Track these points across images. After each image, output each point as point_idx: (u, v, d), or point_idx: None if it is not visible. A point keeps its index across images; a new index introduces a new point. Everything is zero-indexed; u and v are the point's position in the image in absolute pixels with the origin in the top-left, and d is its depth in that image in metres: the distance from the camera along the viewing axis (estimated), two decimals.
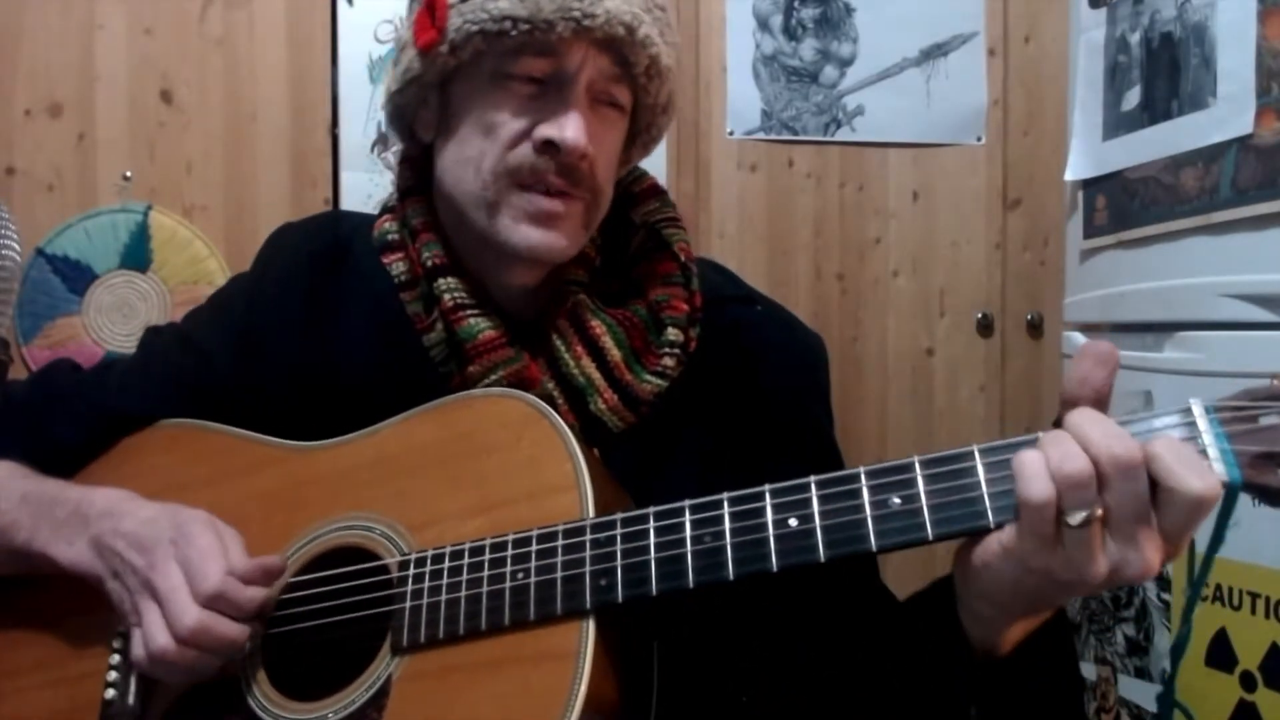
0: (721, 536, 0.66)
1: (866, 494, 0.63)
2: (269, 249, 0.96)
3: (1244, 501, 0.59)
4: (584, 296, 0.86)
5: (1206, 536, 0.62)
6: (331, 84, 2.16)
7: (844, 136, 2.32)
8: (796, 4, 2.30)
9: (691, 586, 0.65)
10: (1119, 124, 1.55)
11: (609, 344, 0.84)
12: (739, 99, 2.29)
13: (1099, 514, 0.57)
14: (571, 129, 0.78)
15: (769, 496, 0.66)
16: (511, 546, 0.70)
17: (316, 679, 0.75)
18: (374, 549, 0.77)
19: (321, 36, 2.15)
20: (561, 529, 0.69)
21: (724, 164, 2.29)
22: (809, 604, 0.78)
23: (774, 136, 2.31)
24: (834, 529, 0.63)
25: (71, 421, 0.90)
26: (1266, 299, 1.25)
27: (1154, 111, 1.46)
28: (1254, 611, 1.23)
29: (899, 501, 0.62)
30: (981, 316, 2.36)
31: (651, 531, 0.67)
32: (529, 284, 0.86)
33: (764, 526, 0.65)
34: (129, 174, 2.08)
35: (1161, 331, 1.42)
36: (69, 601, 0.83)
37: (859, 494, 0.63)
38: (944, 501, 0.62)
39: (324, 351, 0.88)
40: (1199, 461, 0.57)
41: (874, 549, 0.63)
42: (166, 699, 0.79)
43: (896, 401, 2.35)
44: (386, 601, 0.74)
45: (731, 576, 0.65)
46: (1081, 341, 1.61)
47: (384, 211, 0.92)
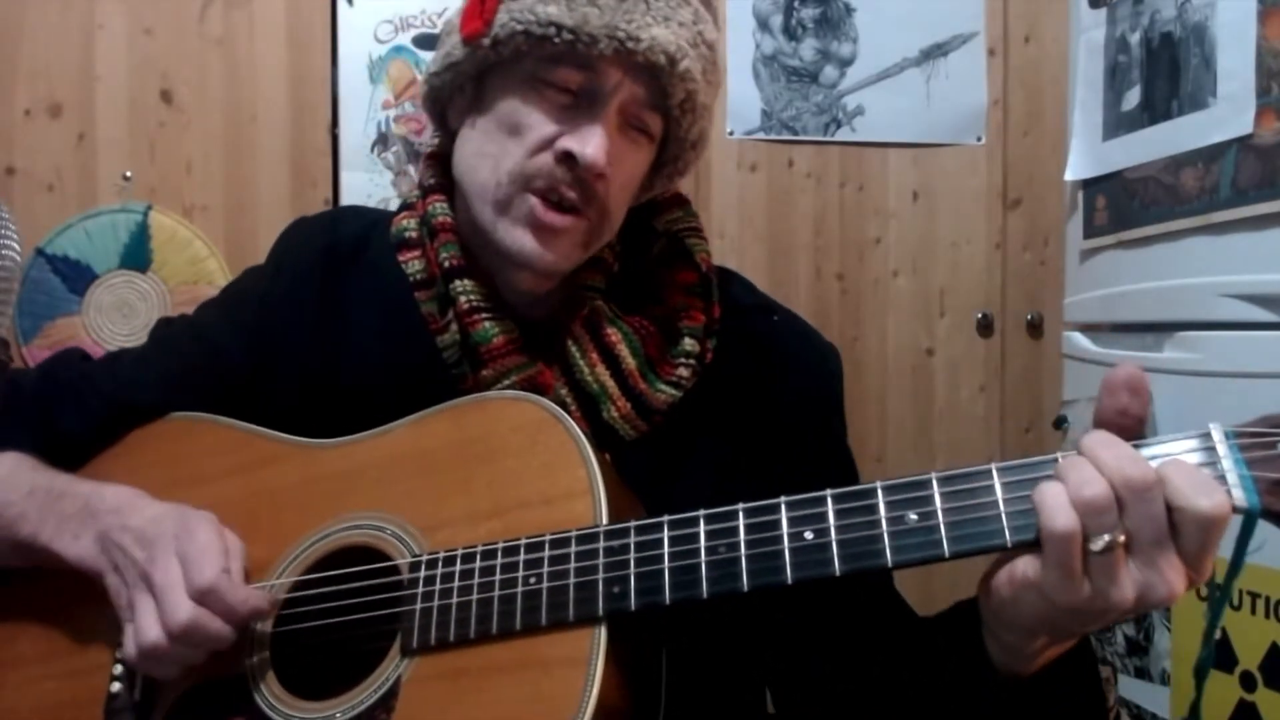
0: (736, 548, 0.65)
1: (883, 509, 0.63)
2: (283, 243, 0.95)
3: None
4: (601, 303, 0.86)
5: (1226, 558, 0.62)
6: (331, 84, 2.15)
7: (844, 136, 2.32)
8: (796, 4, 2.30)
9: (705, 597, 0.65)
10: (1119, 124, 1.55)
11: (624, 352, 0.84)
12: (739, 99, 2.29)
13: (1121, 540, 0.57)
14: (593, 146, 0.77)
15: (785, 509, 0.65)
16: (524, 551, 0.70)
17: (325, 678, 0.75)
18: (385, 549, 0.76)
19: (321, 36, 2.15)
20: (575, 535, 0.69)
21: (724, 164, 2.29)
22: (822, 615, 0.78)
23: (774, 136, 2.30)
24: (849, 543, 0.63)
25: (80, 412, 0.90)
26: (1266, 299, 1.25)
27: (1154, 111, 1.46)
28: (1254, 611, 1.23)
29: (915, 518, 0.62)
30: (981, 316, 2.36)
31: (666, 540, 0.67)
32: (536, 290, 0.85)
33: (779, 539, 0.65)
34: (129, 174, 2.07)
35: (1161, 331, 1.42)
36: (76, 594, 0.82)
37: (875, 509, 0.63)
38: (961, 519, 0.61)
39: (335, 348, 0.88)
40: (1209, 483, 0.57)
41: (889, 564, 0.62)
42: (172, 694, 0.78)
43: (896, 401, 2.35)
44: (396, 603, 0.73)
45: (746, 588, 0.64)
46: (1082, 341, 1.63)
47: (403, 207, 0.92)
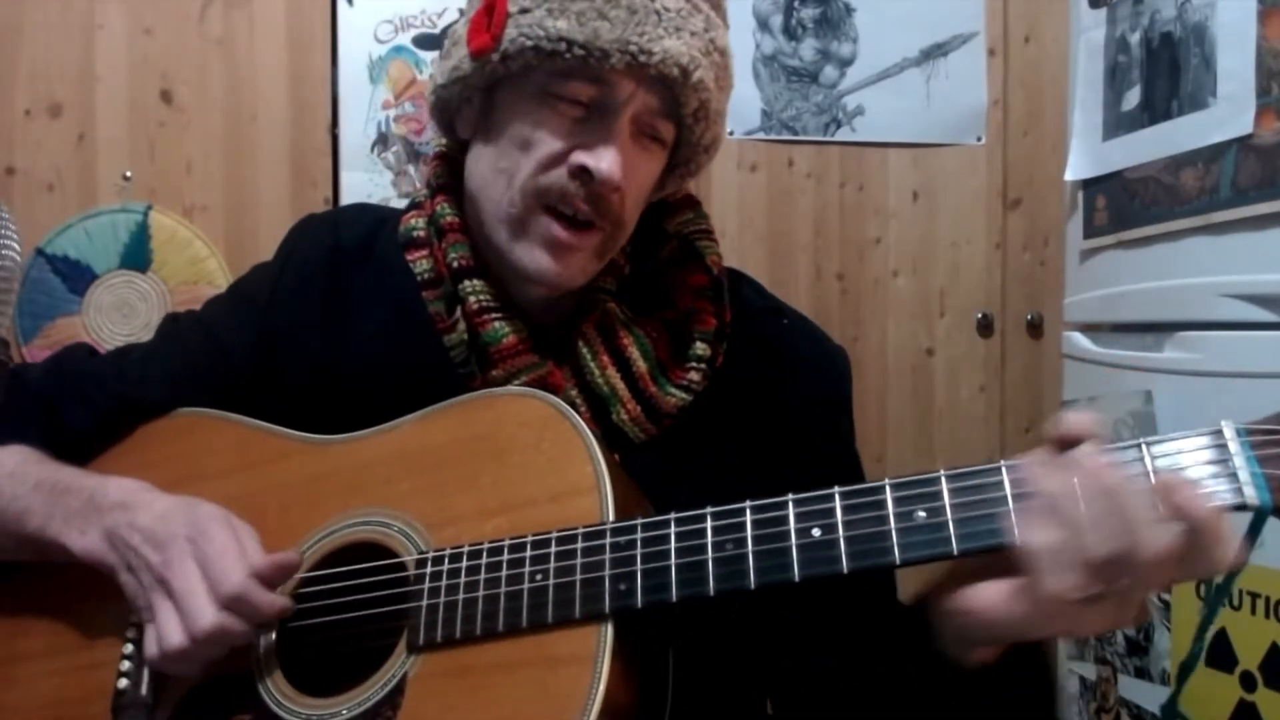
0: (743, 544, 0.65)
1: (891, 506, 0.63)
2: (291, 240, 0.95)
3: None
4: (613, 306, 0.86)
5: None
6: (331, 84, 2.15)
7: (844, 136, 2.32)
8: (796, 4, 2.30)
9: (712, 594, 0.65)
10: (1119, 124, 1.55)
11: (635, 355, 0.84)
12: (739, 99, 2.27)
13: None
14: (608, 161, 0.77)
15: (792, 506, 0.65)
16: (530, 548, 0.70)
17: (331, 675, 0.75)
18: (391, 546, 0.76)
19: (321, 36, 2.14)
20: (581, 531, 0.69)
21: (724, 164, 2.28)
22: (827, 613, 0.78)
23: (774, 136, 2.30)
24: (857, 540, 0.63)
25: (87, 407, 0.89)
26: (1266, 299, 1.25)
27: (1154, 111, 1.47)
28: (1254, 611, 1.23)
29: (924, 515, 0.62)
30: (981, 316, 2.36)
31: (673, 537, 0.67)
32: (546, 295, 0.85)
33: (786, 535, 0.65)
34: (129, 174, 2.07)
35: (1161, 331, 1.42)
36: (82, 590, 0.83)
37: (883, 505, 0.63)
38: (970, 516, 0.61)
39: (342, 345, 0.88)
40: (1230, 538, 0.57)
41: (897, 562, 0.62)
42: (179, 690, 0.78)
43: (896, 401, 2.35)
44: (403, 599, 0.74)
45: (753, 585, 0.64)
46: (1082, 341, 1.63)
47: (411, 206, 0.92)
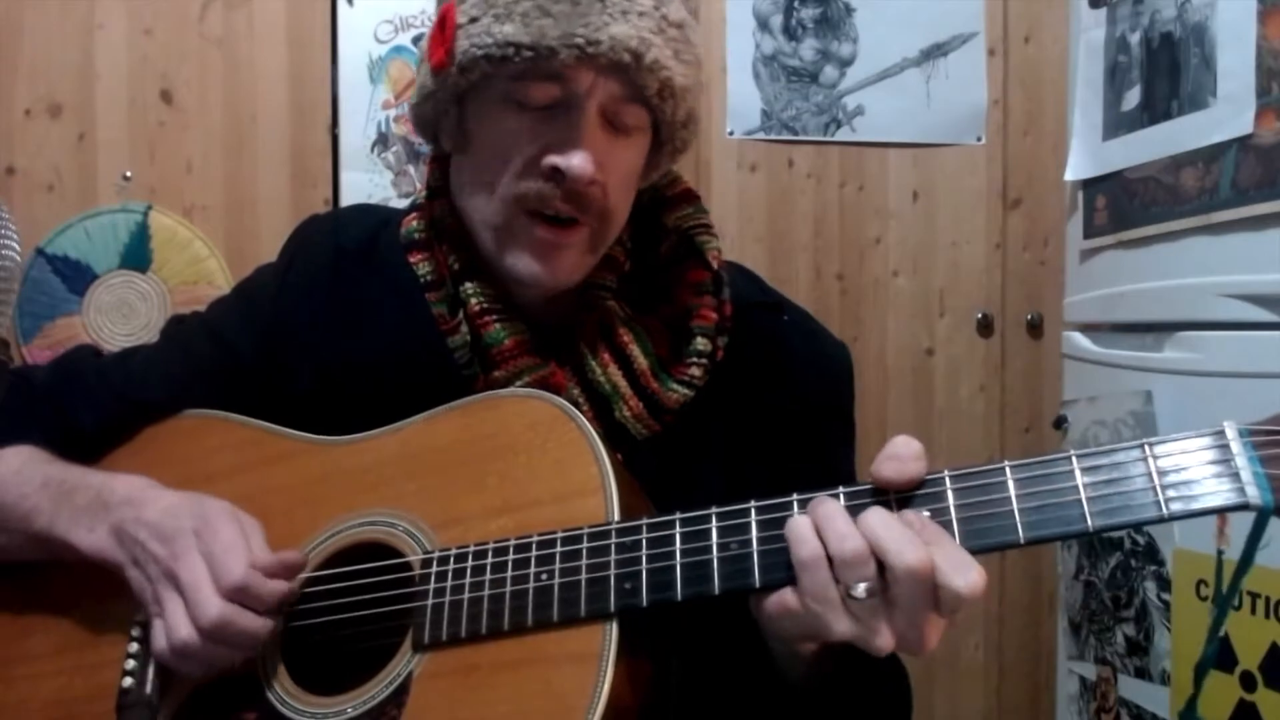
0: (748, 544, 0.66)
1: (895, 505, 0.64)
2: (295, 241, 0.96)
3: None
4: (614, 303, 0.86)
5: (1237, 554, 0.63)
6: (331, 84, 2.15)
7: (844, 136, 2.31)
8: (796, 4, 2.30)
9: (717, 593, 0.66)
10: (1119, 124, 1.56)
11: (636, 352, 0.84)
12: (739, 99, 2.29)
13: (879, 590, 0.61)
14: (578, 159, 0.77)
15: (797, 506, 0.66)
16: (536, 547, 0.70)
17: (336, 674, 0.75)
18: (397, 545, 0.77)
19: (321, 36, 2.14)
20: (586, 531, 0.69)
21: (724, 164, 2.28)
22: None
23: (774, 136, 2.30)
24: None
25: (93, 408, 0.90)
26: (1266, 299, 1.25)
27: (1154, 111, 1.47)
28: (1254, 611, 1.23)
29: (928, 514, 0.63)
30: (981, 316, 2.35)
31: (678, 537, 0.67)
32: (544, 296, 0.85)
33: None
34: (129, 174, 2.07)
35: (1161, 331, 1.43)
36: (88, 589, 0.83)
37: (888, 505, 0.64)
38: (974, 515, 0.63)
39: (347, 346, 0.88)
40: (969, 564, 0.60)
41: None
42: (184, 689, 0.79)
43: (896, 401, 2.34)
44: (408, 598, 0.74)
45: (758, 584, 0.65)
46: (1082, 341, 1.63)
47: (412, 208, 0.92)
